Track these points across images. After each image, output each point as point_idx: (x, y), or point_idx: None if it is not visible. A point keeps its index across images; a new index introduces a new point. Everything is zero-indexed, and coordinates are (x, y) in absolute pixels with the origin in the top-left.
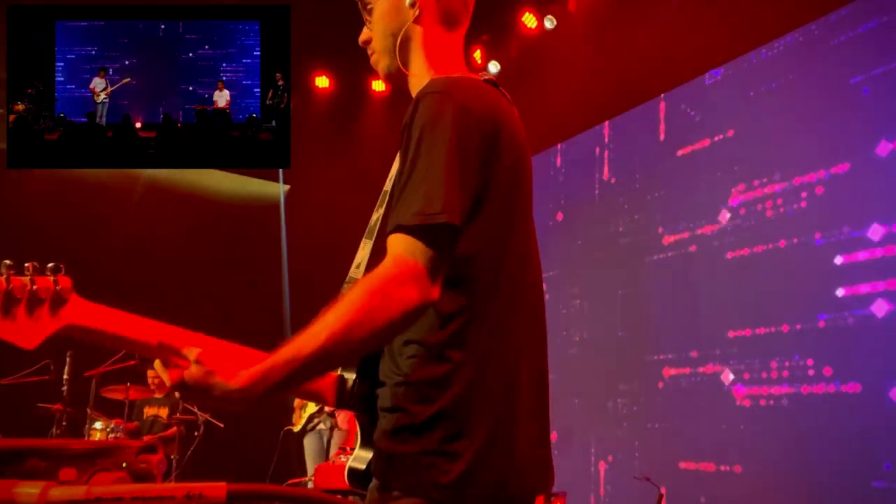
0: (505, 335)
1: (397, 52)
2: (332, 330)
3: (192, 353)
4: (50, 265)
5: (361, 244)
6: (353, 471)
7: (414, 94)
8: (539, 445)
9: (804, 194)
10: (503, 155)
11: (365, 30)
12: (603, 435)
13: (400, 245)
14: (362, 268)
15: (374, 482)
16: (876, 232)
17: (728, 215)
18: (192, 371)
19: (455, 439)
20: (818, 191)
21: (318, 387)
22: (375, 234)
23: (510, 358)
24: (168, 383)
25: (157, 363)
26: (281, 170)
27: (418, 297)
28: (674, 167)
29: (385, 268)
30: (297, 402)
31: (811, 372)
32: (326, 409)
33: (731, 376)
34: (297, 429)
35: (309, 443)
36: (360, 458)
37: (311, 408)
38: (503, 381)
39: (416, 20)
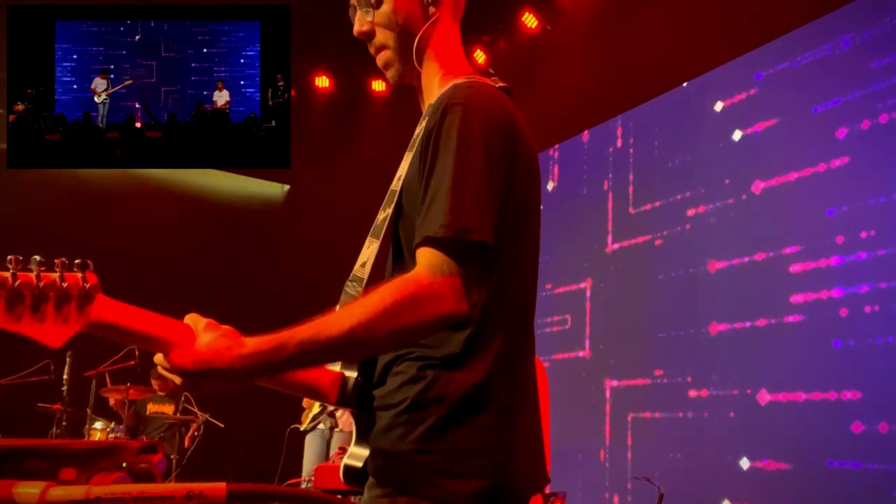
0: (510, 345)
1: (414, 53)
2: (356, 321)
3: (200, 322)
4: (77, 261)
5: (367, 243)
6: (349, 468)
7: (424, 91)
8: (537, 450)
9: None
10: (519, 169)
11: (362, 19)
12: (602, 435)
13: (434, 257)
14: (368, 267)
15: (369, 480)
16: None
17: (713, 220)
18: (202, 338)
19: (453, 439)
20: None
21: (321, 384)
22: (382, 234)
23: (515, 366)
24: (170, 365)
25: (157, 356)
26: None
27: (450, 308)
28: (666, 172)
29: (419, 275)
30: (305, 401)
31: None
32: (327, 409)
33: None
34: (303, 428)
35: (310, 442)
36: (356, 455)
37: (316, 408)
38: (507, 389)
39: (435, 20)
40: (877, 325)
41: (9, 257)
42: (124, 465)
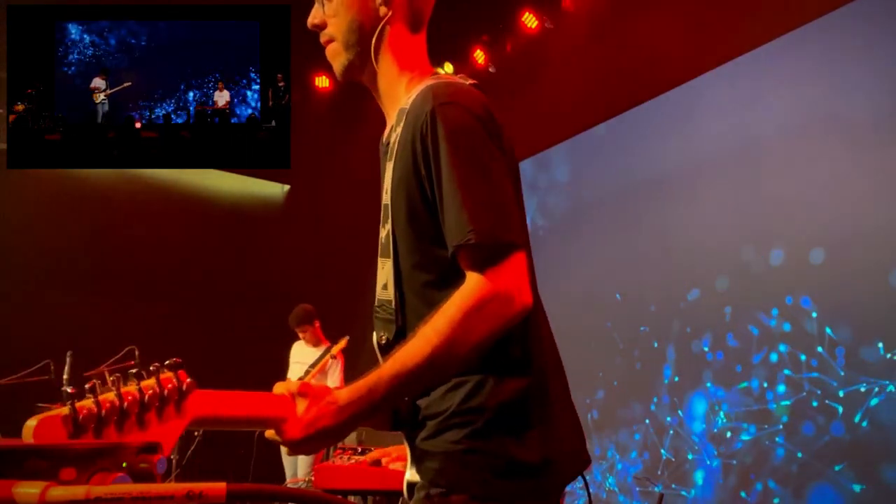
0: (539, 336)
1: (373, 50)
2: (434, 346)
3: (292, 385)
4: (168, 362)
5: (380, 264)
6: (412, 484)
7: (383, 92)
8: (578, 433)
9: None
10: (509, 161)
11: (316, 11)
12: (602, 434)
13: (482, 262)
14: (390, 288)
15: (419, 482)
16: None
17: (713, 219)
18: (300, 405)
19: (502, 437)
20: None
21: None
22: (391, 251)
23: (545, 355)
24: (283, 440)
25: (268, 433)
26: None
27: (518, 307)
28: (665, 172)
29: (477, 284)
30: None
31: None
32: None
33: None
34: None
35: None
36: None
37: None
38: (542, 379)
39: (388, 19)
40: None
41: (109, 378)
42: (124, 465)
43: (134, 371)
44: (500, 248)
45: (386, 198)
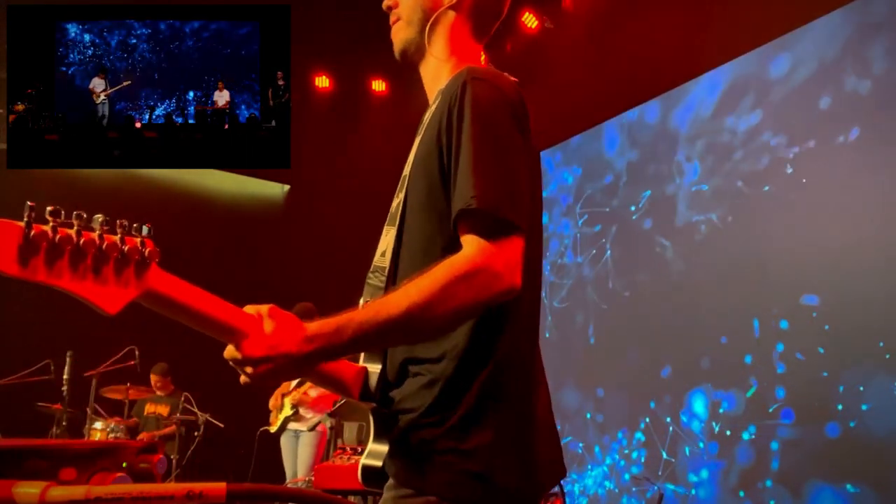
0: (524, 337)
1: (427, 30)
2: (412, 301)
3: (262, 307)
4: (136, 225)
5: (384, 231)
6: (367, 468)
7: (430, 74)
8: (554, 442)
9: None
10: (530, 151)
11: None
12: (603, 434)
13: (481, 232)
14: (388, 255)
15: (389, 481)
16: None
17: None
18: (267, 324)
19: (477, 438)
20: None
21: (345, 378)
22: (398, 221)
23: (527, 359)
24: (242, 356)
25: (227, 351)
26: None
27: (505, 285)
28: (664, 170)
29: (471, 253)
30: (272, 403)
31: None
32: (298, 412)
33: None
34: (273, 429)
35: (284, 444)
36: (375, 453)
37: (287, 410)
38: (523, 382)
39: (452, 6)
40: None
41: (74, 213)
42: (124, 465)
43: (102, 219)
44: (500, 224)
45: (407, 169)
